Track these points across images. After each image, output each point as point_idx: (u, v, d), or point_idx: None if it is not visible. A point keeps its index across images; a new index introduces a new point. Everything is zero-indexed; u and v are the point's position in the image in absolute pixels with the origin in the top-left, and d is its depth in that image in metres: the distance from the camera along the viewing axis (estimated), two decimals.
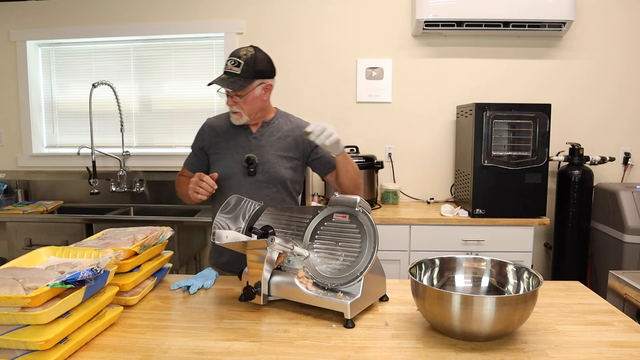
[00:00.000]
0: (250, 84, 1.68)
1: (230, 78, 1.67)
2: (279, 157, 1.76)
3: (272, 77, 1.76)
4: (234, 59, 1.68)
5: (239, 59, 1.67)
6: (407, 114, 3.14)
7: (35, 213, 2.94)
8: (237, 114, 1.73)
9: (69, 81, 3.41)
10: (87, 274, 1.09)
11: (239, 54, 1.69)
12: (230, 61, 1.68)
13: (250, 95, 1.70)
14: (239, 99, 1.70)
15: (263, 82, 1.72)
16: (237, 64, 1.67)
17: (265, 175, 1.74)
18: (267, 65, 1.75)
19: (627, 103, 3.04)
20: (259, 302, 1.36)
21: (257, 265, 1.36)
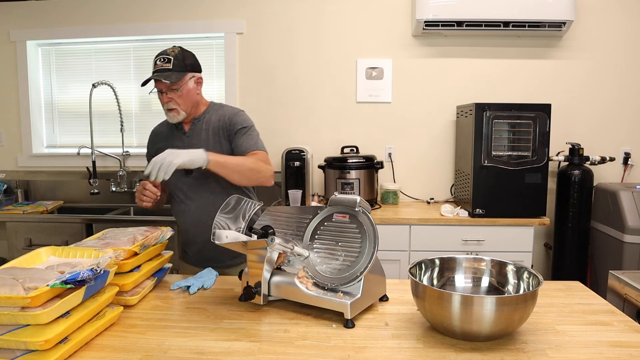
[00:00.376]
0: (183, 77, 1.74)
1: (164, 73, 1.71)
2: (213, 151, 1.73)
3: (200, 71, 1.83)
4: (162, 56, 1.73)
5: (168, 56, 1.73)
6: (407, 113, 3.14)
7: (35, 213, 2.94)
8: (173, 111, 1.76)
9: (69, 81, 3.41)
10: (87, 274, 1.09)
11: (166, 51, 1.75)
12: (158, 59, 1.73)
13: (185, 89, 1.75)
14: (174, 94, 1.74)
15: (194, 76, 1.79)
16: (167, 60, 1.72)
17: (201, 172, 1.69)
18: (195, 59, 1.82)
19: (627, 103, 3.04)
20: (259, 302, 1.36)
21: (257, 265, 1.36)
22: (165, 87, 1.73)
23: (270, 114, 3.21)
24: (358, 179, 2.79)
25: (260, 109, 3.21)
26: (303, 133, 3.19)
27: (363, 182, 2.81)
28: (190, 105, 1.79)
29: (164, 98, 1.75)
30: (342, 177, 2.80)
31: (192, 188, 1.82)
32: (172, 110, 1.77)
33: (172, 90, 1.74)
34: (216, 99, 3.29)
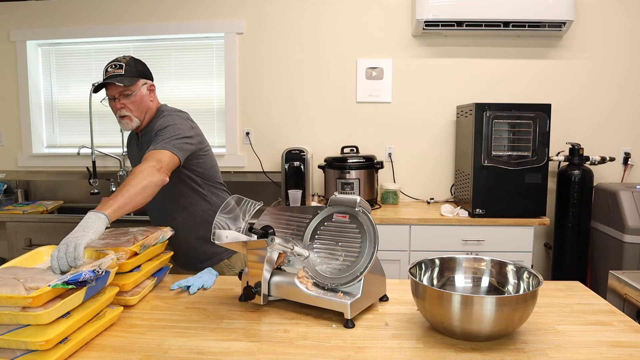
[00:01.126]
0: (136, 82, 1.73)
1: (116, 78, 1.69)
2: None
3: (152, 79, 1.83)
4: (113, 63, 1.72)
5: (119, 62, 1.72)
6: (407, 113, 3.14)
7: (35, 213, 2.94)
8: (126, 117, 1.75)
9: (69, 81, 3.41)
10: (89, 275, 1.09)
11: (117, 59, 1.74)
12: (110, 66, 1.72)
13: (138, 95, 1.74)
14: (127, 100, 1.73)
15: (146, 82, 1.78)
16: (119, 66, 1.71)
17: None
18: (145, 67, 1.81)
19: (627, 103, 3.04)
20: (259, 302, 1.36)
21: (257, 265, 1.36)
22: (118, 93, 1.72)
23: (270, 114, 3.21)
24: (358, 179, 2.79)
25: (260, 109, 3.21)
26: (303, 133, 3.19)
27: (363, 182, 2.81)
28: (143, 112, 1.77)
29: (117, 104, 1.73)
30: (342, 177, 2.80)
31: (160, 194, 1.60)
32: (125, 117, 1.75)
33: (125, 96, 1.72)
34: (216, 99, 3.29)
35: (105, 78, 1.71)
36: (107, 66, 1.73)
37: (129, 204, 1.42)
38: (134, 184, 1.44)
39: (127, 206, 1.41)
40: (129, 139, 1.97)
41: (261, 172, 3.20)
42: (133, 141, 1.91)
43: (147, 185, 1.46)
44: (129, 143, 1.97)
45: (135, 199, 1.43)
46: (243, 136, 3.22)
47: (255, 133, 3.23)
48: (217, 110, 3.30)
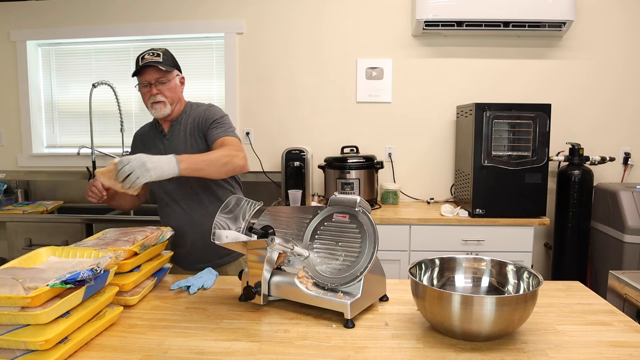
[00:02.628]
0: (172, 71, 1.77)
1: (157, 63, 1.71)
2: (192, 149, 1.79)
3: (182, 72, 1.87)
4: (151, 51, 1.74)
5: (157, 51, 1.74)
6: (407, 113, 3.14)
7: (35, 213, 2.94)
8: (160, 103, 1.76)
9: (69, 81, 3.41)
10: (87, 274, 1.09)
11: (154, 48, 1.76)
12: (147, 53, 1.73)
13: (172, 82, 1.77)
14: (163, 87, 1.75)
15: (179, 74, 1.82)
16: (157, 54, 1.73)
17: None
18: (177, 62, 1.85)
19: (627, 103, 3.04)
20: (259, 302, 1.36)
21: (257, 265, 1.36)
22: (155, 79, 1.73)
23: (271, 114, 3.21)
24: (358, 179, 2.79)
25: (260, 109, 3.21)
26: (303, 133, 3.19)
27: (363, 182, 2.81)
28: (175, 101, 1.80)
29: (153, 90, 1.74)
30: (342, 177, 2.80)
31: (176, 190, 1.81)
32: (159, 103, 1.75)
33: (161, 82, 1.75)
34: (216, 99, 3.29)
35: (144, 64, 1.72)
36: (143, 54, 1.74)
37: (204, 169, 1.55)
38: (217, 157, 1.58)
39: (202, 171, 1.54)
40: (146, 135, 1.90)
41: (261, 172, 3.20)
42: (155, 135, 1.86)
43: (228, 163, 1.60)
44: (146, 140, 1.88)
45: (212, 169, 1.57)
46: (243, 136, 3.22)
47: (256, 133, 3.23)
48: None
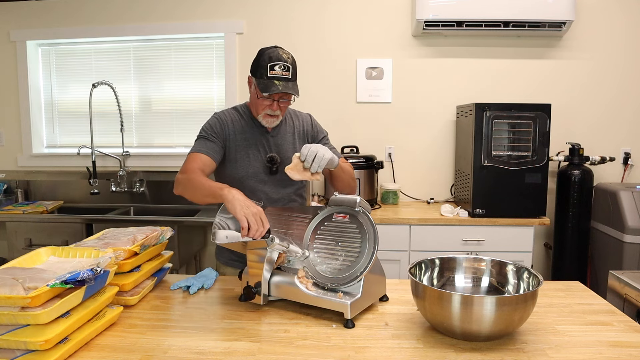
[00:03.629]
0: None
1: (288, 83, 1.61)
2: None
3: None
4: (282, 63, 1.61)
5: (287, 63, 1.61)
6: (407, 114, 3.14)
7: (35, 213, 2.94)
8: (276, 117, 1.69)
9: (69, 81, 3.41)
10: (87, 274, 1.09)
11: (283, 57, 1.62)
12: (278, 66, 1.60)
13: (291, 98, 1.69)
14: (284, 104, 1.68)
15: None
16: (287, 68, 1.61)
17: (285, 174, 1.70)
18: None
19: (627, 103, 3.04)
20: (259, 302, 1.36)
21: (257, 265, 1.36)
22: (279, 97, 1.64)
23: None
24: (358, 179, 2.79)
25: None
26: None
27: (363, 182, 2.81)
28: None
29: (274, 106, 1.64)
30: None
31: (274, 188, 1.73)
32: (275, 117, 1.68)
33: (284, 100, 1.66)
34: (216, 99, 3.30)
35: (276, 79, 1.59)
36: (274, 62, 1.60)
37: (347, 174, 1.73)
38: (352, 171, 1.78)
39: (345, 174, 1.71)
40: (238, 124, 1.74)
41: None
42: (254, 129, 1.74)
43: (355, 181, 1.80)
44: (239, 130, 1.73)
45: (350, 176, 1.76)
46: None
47: None
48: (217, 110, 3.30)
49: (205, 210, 3.02)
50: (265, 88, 1.59)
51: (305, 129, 1.83)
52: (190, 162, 1.61)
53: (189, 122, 3.32)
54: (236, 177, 1.69)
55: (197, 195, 1.49)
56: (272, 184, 1.73)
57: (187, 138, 3.33)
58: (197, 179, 1.50)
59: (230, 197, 1.33)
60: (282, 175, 1.70)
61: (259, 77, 1.62)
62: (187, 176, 1.54)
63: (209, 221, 2.73)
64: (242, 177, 1.69)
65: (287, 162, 1.70)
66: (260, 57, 1.65)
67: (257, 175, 1.71)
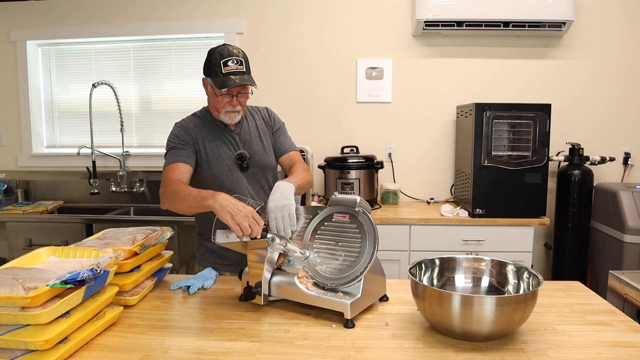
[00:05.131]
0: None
1: (244, 76, 1.65)
2: (263, 146, 1.82)
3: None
4: (234, 58, 1.64)
5: (239, 57, 1.66)
6: (407, 113, 3.14)
7: (35, 213, 2.94)
8: (236, 112, 1.73)
9: (69, 81, 3.41)
10: (87, 274, 1.09)
11: (234, 52, 1.65)
12: (231, 61, 1.64)
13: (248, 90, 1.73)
14: (243, 98, 1.72)
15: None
16: (240, 62, 1.66)
17: (256, 168, 1.79)
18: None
19: (627, 103, 3.03)
20: (259, 302, 1.36)
21: (257, 265, 1.36)
22: (237, 91, 1.67)
23: None
24: (358, 179, 2.79)
25: None
26: (303, 133, 3.19)
27: (363, 182, 2.81)
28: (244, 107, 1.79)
29: (234, 101, 1.68)
30: (342, 177, 2.80)
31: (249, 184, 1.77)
32: (236, 112, 1.71)
33: (242, 93, 1.70)
34: None
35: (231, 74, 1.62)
36: (225, 60, 1.62)
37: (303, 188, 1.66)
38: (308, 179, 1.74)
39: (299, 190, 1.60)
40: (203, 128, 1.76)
41: None
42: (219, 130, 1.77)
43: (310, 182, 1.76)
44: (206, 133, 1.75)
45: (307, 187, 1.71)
46: None
47: None
48: None
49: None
50: (223, 84, 1.62)
51: (264, 120, 1.88)
52: (169, 174, 1.62)
53: None
54: (213, 179, 1.72)
55: (185, 208, 1.50)
56: (247, 178, 1.77)
57: None
58: (182, 191, 1.49)
59: (218, 206, 1.32)
60: (253, 170, 1.78)
61: (214, 75, 1.65)
62: (169, 189, 1.55)
63: None
64: (219, 176, 1.72)
65: (255, 156, 1.78)
66: (212, 56, 1.67)
67: (233, 172, 1.74)
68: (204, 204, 1.38)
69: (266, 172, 1.82)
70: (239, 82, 1.62)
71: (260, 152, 1.80)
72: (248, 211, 1.30)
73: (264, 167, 1.81)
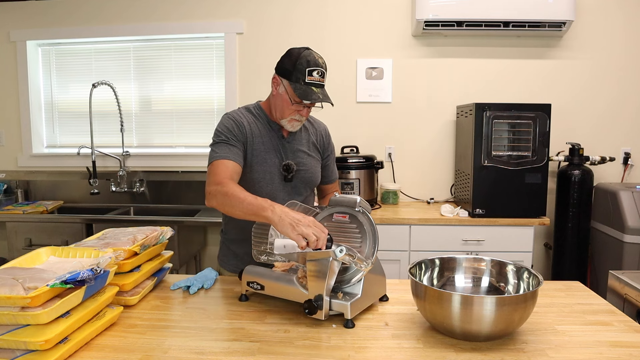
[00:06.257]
0: None
1: (324, 91, 1.59)
2: (312, 160, 1.73)
3: None
4: (319, 69, 1.56)
5: (323, 69, 1.58)
6: (407, 113, 3.14)
7: (35, 213, 2.94)
8: (300, 122, 1.65)
9: (69, 81, 3.41)
10: (87, 274, 1.09)
11: (320, 62, 1.57)
12: (316, 72, 1.56)
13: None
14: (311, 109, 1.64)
15: None
16: (323, 74, 1.58)
17: (301, 181, 1.70)
18: None
19: (627, 103, 3.04)
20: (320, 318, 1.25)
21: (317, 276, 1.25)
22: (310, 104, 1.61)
23: None
24: (358, 179, 2.79)
25: None
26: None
27: (363, 182, 2.81)
28: None
29: (304, 112, 1.61)
30: (342, 177, 2.80)
31: (288, 196, 1.68)
32: (300, 121, 1.64)
33: (314, 106, 1.63)
34: (216, 99, 3.30)
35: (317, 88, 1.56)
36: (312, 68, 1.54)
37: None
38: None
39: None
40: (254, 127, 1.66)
41: None
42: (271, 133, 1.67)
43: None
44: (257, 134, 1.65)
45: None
46: None
47: None
48: (217, 110, 3.30)
49: (205, 210, 3.02)
50: (305, 95, 1.53)
51: (319, 138, 1.78)
52: (220, 170, 1.49)
53: (189, 122, 3.32)
54: (251, 182, 1.62)
55: (237, 213, 1.38)
56: (286, 190, 1.68)
57: (187, 138, 3.33)
58: (235, 195, 1.37)
59: (277, 219, 1.24)
60: (296, 182, 1.69)
61: (294, 81, 1.55)
62: (221, 189, 1.42)
63: (209, 221, 2.73)
64: (258, 182, 1.62)
65: (301, 169, 1.68)
66: (297, 60, 1.55)
67: (273, 181, 1.65)
68: (260, 214, 1.29)
69: (307, 187, 1.73)
70: (322, 98, 1.54)
71: (307, 166, 1.71)
72: (310, 220, 1.23)
73: (307, 182, 1.71)
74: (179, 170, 3.25)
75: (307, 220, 1.23)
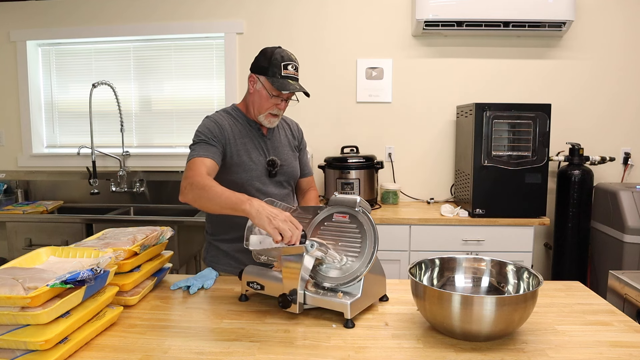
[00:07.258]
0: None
1: (298, 82, 1.67)
2: (292, 155, 1.83)
3: None
4: (293, 63, 1.65)
5: (296, 64, 1.67)
6: (407, 114, 3.14)
7: (35, 213, 2.94)
8: (277, 117, 1.72)
9: (69, 81, 3.41)
10: (87, 274, 1.09)
11: (293, 57, 1.66)
12: (291, 65, 1.64)
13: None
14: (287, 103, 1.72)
15: None
16: (296, 68, 1.67)
17: (284, 176, 1.78)
18: None
19: (627, 103, 3.04)
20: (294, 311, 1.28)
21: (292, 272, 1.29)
22: (287, 96, 1.69)
23: None
24: (358, 179, 2.79)
25: None
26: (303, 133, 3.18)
27: (363, 182, 2.81)
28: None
29: (282, 105, 1.69)
30: (342, 177, 2.80)
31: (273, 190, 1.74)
32: (277, 116, 1.72)
33: (290, 100, 1.73)
34: (216, 99, 3.30)
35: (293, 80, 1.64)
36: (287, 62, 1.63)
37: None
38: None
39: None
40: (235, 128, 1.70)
41: None
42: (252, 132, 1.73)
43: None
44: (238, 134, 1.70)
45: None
46: None
47: None
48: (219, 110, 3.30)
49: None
50: (282, 86, 1.60)
51: (293, 132, 1.89)
52: (198, 167, 1.51)
53: (189, 122, 3.32)
54: (238, 182, 1.66)
55: (213, 207, 1.39)
56: (272, 185, 1.75)
57: (187, 138, 3.33)
58: (212, 188, 1.38)
59: (254, 212, 1.26)
60: (279, 178, 1.77)
61: (271, 75, 1.62)
62: (197, 182, 1.42)
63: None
64: (245, 181, 1.67)
65: (284, 165, 1.76)
66: (272, 57, 1.64)
67: (260, 178, 1.71)
68: (238, 207, 1.30)
69: (290, 181, 1.82)
70: (299, 88, 1.63)
71: (289, 161, 1.80)
72: (286, 216, 1.26)
73: (289, 176, 1.80)
74: (179, 170, 3.25)
75: (283, 215, 1.26)
